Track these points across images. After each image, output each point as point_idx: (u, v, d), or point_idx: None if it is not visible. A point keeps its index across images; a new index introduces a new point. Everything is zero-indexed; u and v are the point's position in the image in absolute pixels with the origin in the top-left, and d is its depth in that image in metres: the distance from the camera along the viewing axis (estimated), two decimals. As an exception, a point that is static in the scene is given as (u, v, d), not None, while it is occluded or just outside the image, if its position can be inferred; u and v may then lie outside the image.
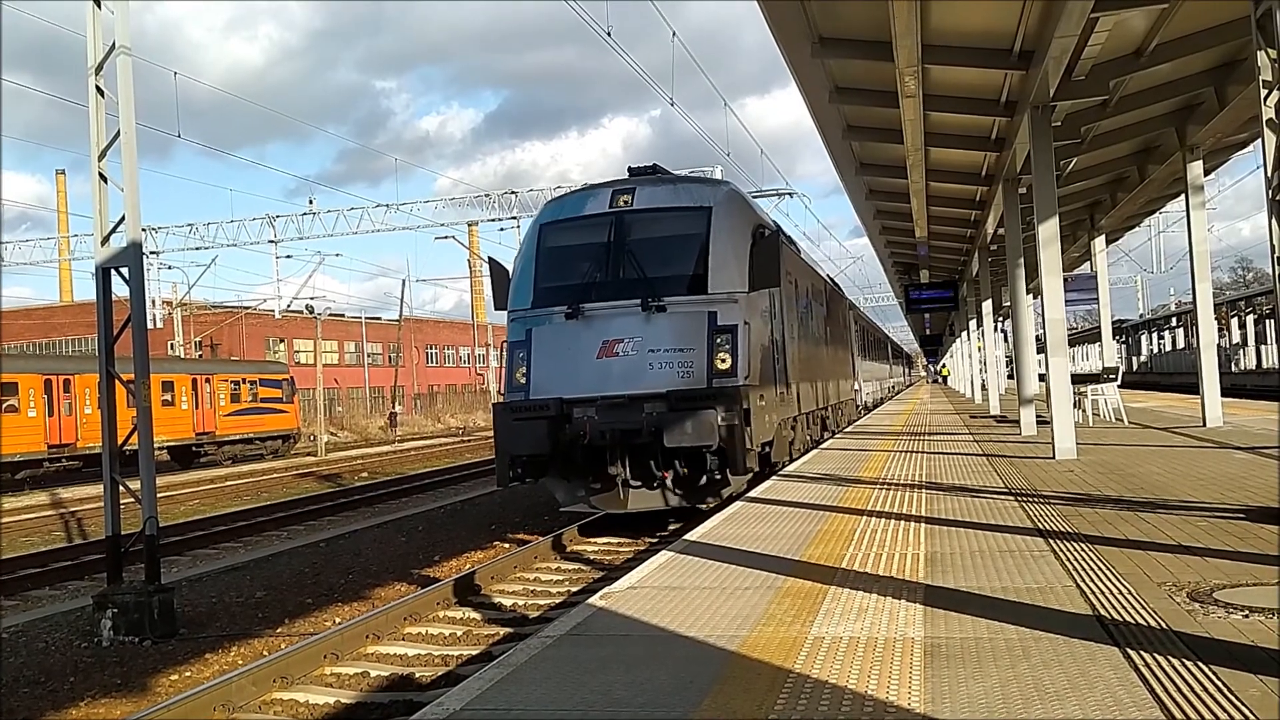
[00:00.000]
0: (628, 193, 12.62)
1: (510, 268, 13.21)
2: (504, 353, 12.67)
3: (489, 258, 13.71)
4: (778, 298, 13.81)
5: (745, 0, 13.79)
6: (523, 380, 12.00)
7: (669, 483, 11.55)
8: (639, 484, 11.74)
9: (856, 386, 30.20)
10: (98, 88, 9.67)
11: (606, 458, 11.46)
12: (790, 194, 29.08)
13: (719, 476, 11.30)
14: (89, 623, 9.24)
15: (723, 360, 11.42)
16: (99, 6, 9.61)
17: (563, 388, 11.66)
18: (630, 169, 13.66)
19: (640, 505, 11.90)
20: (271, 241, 45.81)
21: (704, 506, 11.99)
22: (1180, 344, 48.55)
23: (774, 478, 12.57)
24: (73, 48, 9.98)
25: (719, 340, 11.48)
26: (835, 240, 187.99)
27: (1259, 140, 7.33)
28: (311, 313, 47.57)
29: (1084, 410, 18.13)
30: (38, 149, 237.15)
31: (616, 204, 12.55)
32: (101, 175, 9.77)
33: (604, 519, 13.00)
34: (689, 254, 12.10)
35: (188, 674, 7.96)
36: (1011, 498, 9.03)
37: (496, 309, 12.99)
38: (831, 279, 26.81)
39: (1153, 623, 4.56)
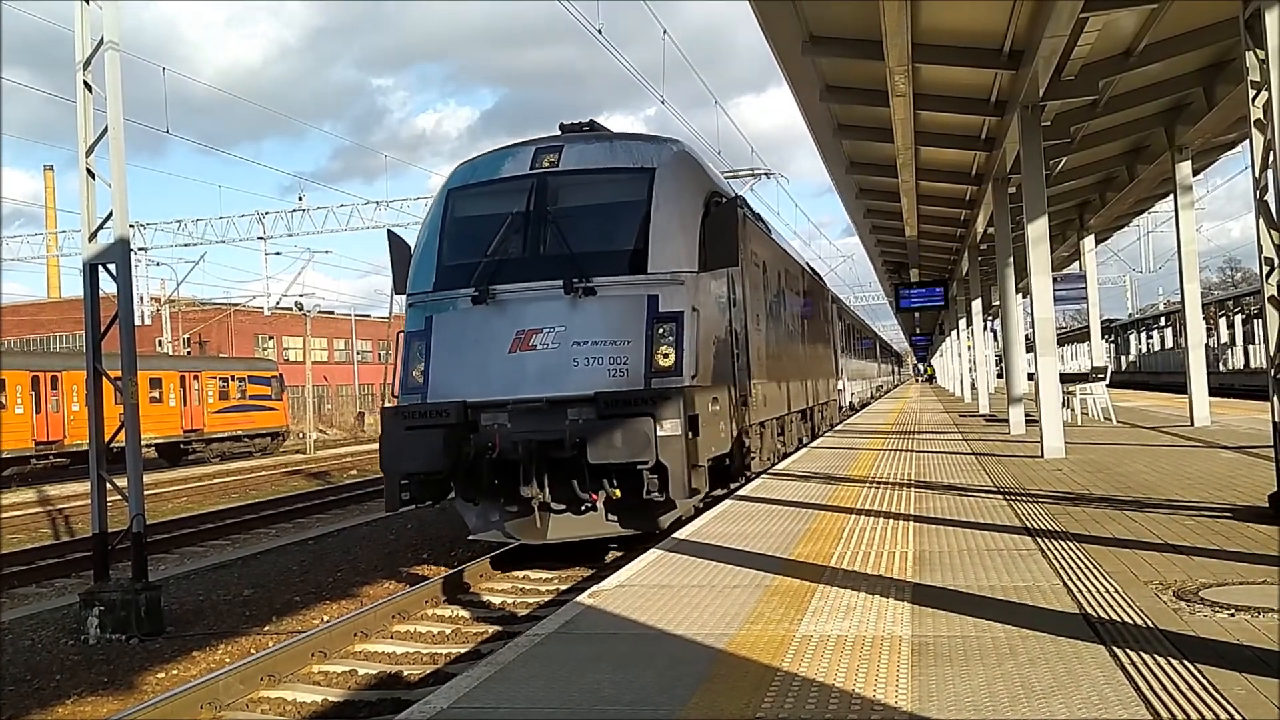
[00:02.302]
0: (553, 151, 10.51)
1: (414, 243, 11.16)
2: (398, 345, 10.49)
3: (388, 230, 11.66)
4: (738, 281, 11.81)
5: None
6: (420, 379, 10.01)
7: (600, 506, 9.57)
8: (563, 508, 9.66)
9: (840, 387, 28.04)
10: (86, 83, 9.62)
11: (520, 475, 9.32)
12: (766, 174, 26.26)
13: (661, 498, 9.19)
14: (75, 620, 9.19)
15: (665, 355, 9.43)
16: (87, 2, 9.56)
17: (467, 389, 9.64)
18: (562, 125, 11.44)
19: (563, 534, 9.85)
20: (260, 238, 45.65)
21: (660, 528, 9.85)
22: (1169, 344, 48.75)
23: (763, 476, 12.54)
24: (69, 44, 9.92)
25: (660, 331, 9.50)
26: (826, 239, 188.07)
27: (1247, 141, 7.36)
28: (301, 310, 47.41)
29: (1073, 409, 18.19)
30: (31, 145, 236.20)
31: (539, 165, 10.42)
32: (89, 171, 9.73)
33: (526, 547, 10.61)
34: (625, 225, 10.03)
35: (174, 672, 7.93)
36: (1000, 496, 9.05)
37: (397, 293, 10.97)
38: (811, 268, 24.25)
39: (1139, 621, 4.58)
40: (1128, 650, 4.13)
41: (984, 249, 24.63)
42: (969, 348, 33.07)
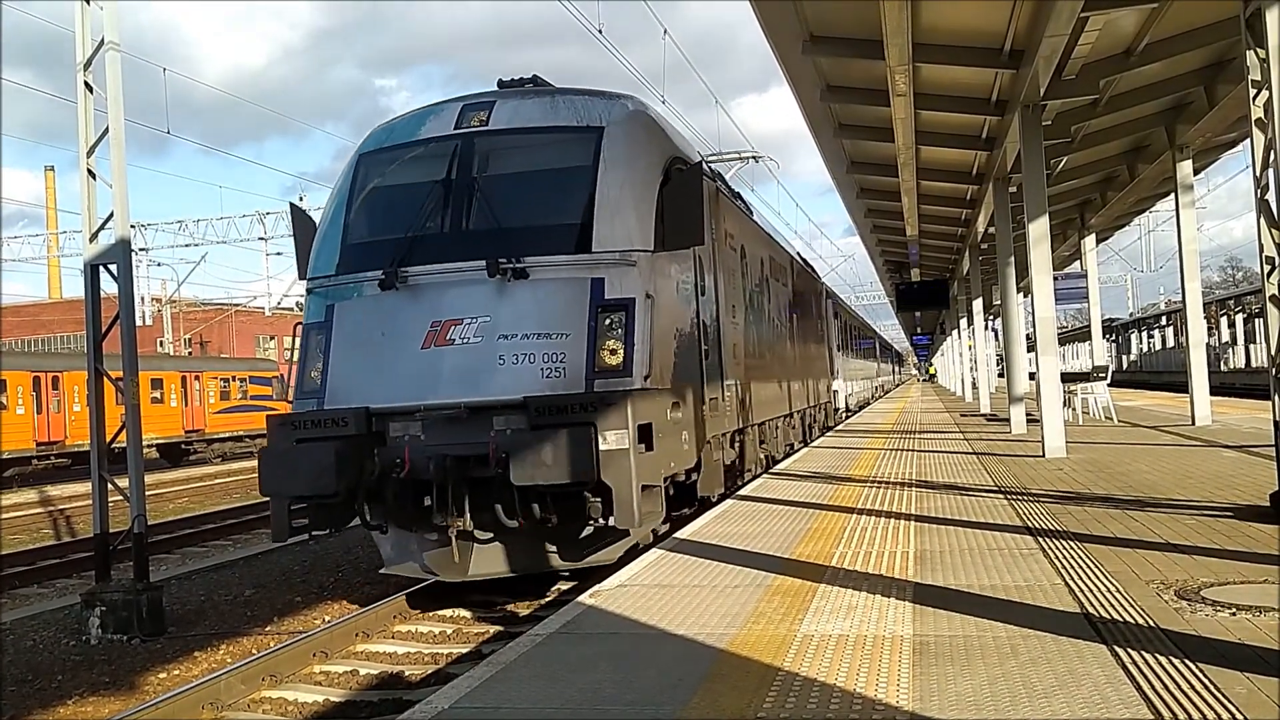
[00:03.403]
0: (482, 109, 8.94)
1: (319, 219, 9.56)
2: (295, 340, 8.95)
3: (290, 204, 10.19)
4: (708, 265, 10.22)
5: None
6: (317, 381, 8.44)
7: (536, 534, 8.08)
8: (489, 536, 8.20)
9: (835, 388, 26.38)
10: (87, 84, 9.63)
11: (434, 498, 7.78)
12: (755, 158, 24.31)
13: (608, 524, 7.72)
14: (77, 621, 9.20)
15: (611, 352, 7.90)
16: (88, 3, 9.57)
17: (373, 392, 8.08)
18: (500, 82, 9.75)
19: (488, 569, 8.33)
20: (262, 239, 45.70)
21: (610, 560, 8.34)
22: (1170, 343, 48.73)
23: (765, 475, 12.54)
24: (72, 45, 9.86)
25: (607, 322, 7.98)
26: (828, 239, 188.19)
27: (1248, 140, 7.36)
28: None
29: (1074, 409, 18.18)
30: (34, 146, 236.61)
31: (466, 124, 8.86)
32: (90, 172, 9.74)
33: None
34: (566, 195, 8.57)
35: (176, 672, 7.93)
36: (1001, 496, 9.05)
37: (300, 278, 9.29)
38: (802, 259, 22.30)
39: (1141, 621, 4.58)
40: (1129, 650, 4.13)
41: (985, 248, 24.63)
42: (970, 347, 33.07)
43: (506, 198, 8.59)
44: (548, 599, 9.07)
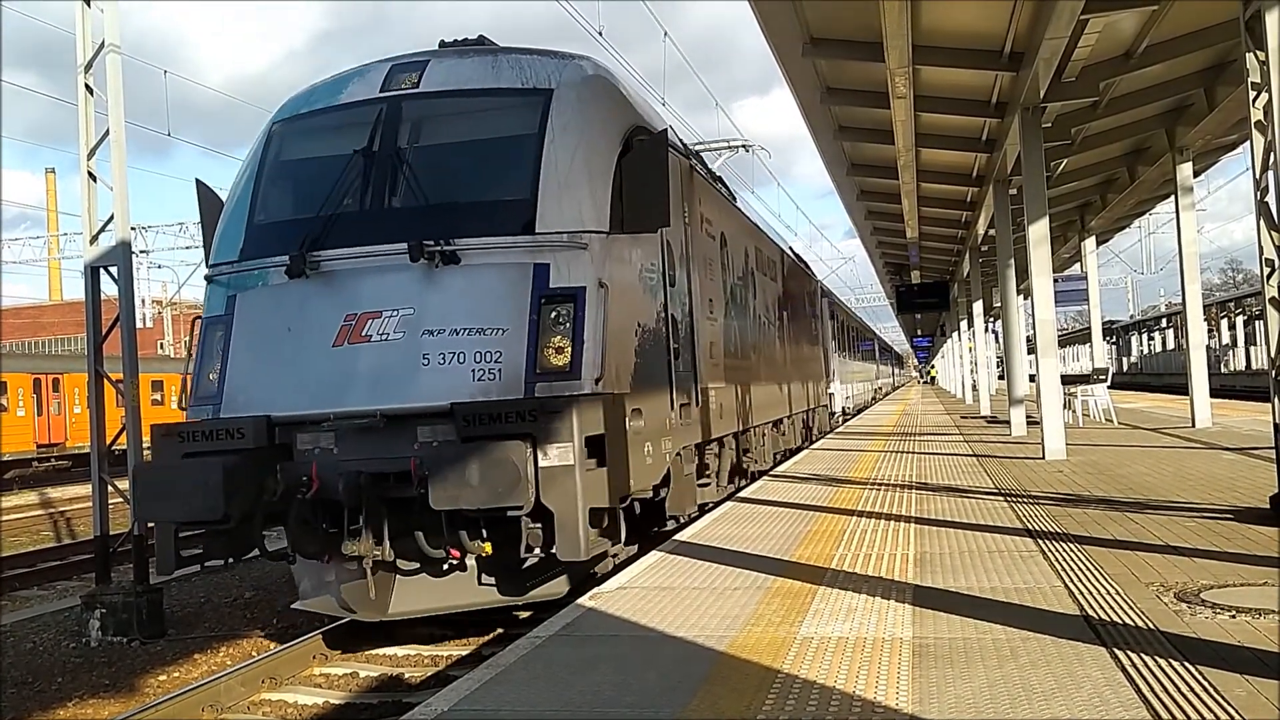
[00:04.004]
0: (414, 69, 7.86)
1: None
2: (193, 336, 7.89)
3: (196, 180, 8.59)
4: (679, 253, 9.09)
5: (739, 0, 11.65)
6: (214, 384, 7.34)
7: (471, 564, 7.20)
8: (414, 567, 7.19)
9: (831, 391, 24.83)
10: (87, 86, 9.65)
11: (347, 523, 6.73)
12: (745, 147, 23.17)
13: (544, 555, 6.76)
14: (77, 623, 9.20)
15: (557, 350, 6.83)
16: (88, 4, 9.58)
17: (276, 398, 7.01)
18: (442, 42, 8.52)
19: (411, 607, 7.36)
20: (262, 240, 45.55)
21: (561, 593, 7.40)
22: (1170, 345, 48.73)
23: (764, 479, 12.53)
24: (73, 48, 9.81)
25: (552, 315, 6.90)
26: (828, 241, 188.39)
27: (1248, 142, 7.37)
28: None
29: (1074, 411, 18.18)
30: (36, 148, 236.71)
31: (394, 86, 7.78)
32: (91, 174, 9.75)
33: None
34: (507, 167, 7.47)
35: (176, 674, 7.93)
36: (1001, 498, 9.04)
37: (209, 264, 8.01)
38: (795, 253, 20.57)
39: (1140, 623, 4.58)
40: (1129, 652, 4.13)
41: (985, 250, 24.64)
42: (970, 349, 33.08)
43: (437, 171, 7.50)
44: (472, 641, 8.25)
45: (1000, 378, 33.97)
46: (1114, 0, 9.81)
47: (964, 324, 32.27)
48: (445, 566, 7.17)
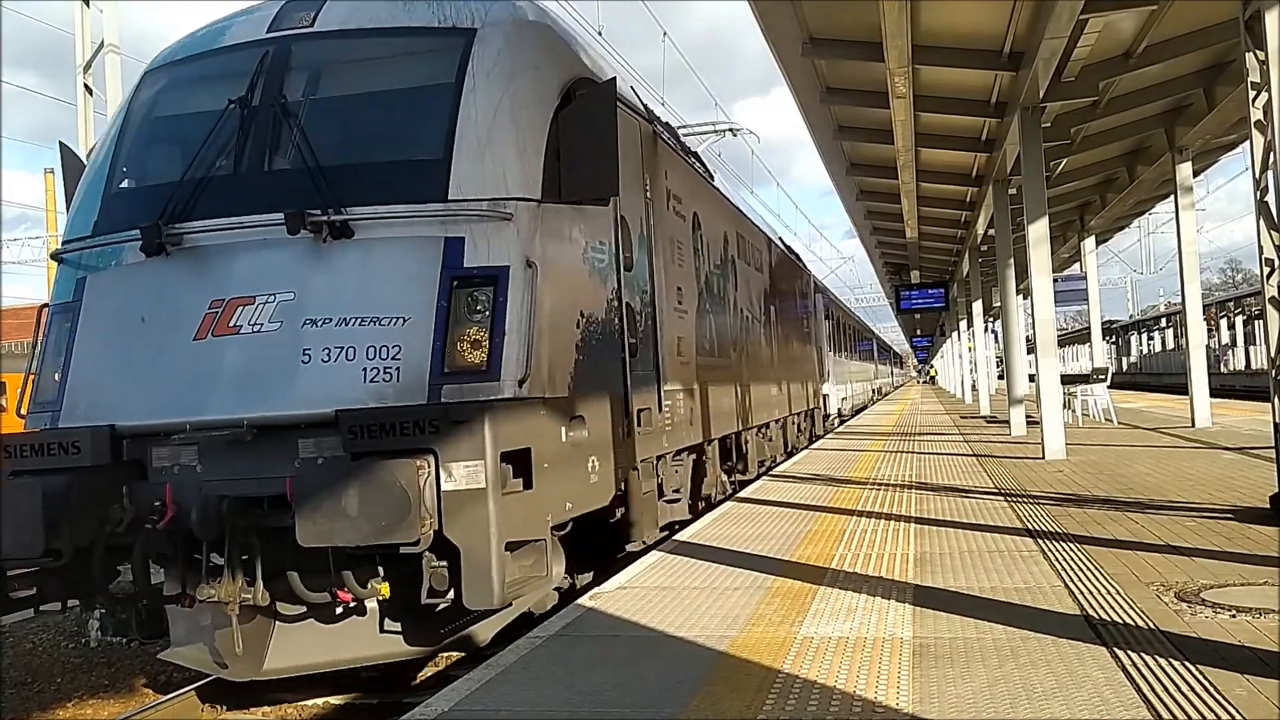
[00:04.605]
0: (309, 6, 6.53)
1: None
2: (39, 327, 6.44)
3: (59, 143, 7.30)
4: (636, 230, 7.78)
5: (740, 0, 11.32)
6: (55, 386, 6.14)
7: (371, 605, 5.91)
8: (299, 612, 5.90)
9: (826, 392, 23.42)
10: (86, 86, 9.65)
11: (205, 558, 5.50)
12: (732, 130, 21.85)
13: (449, 602, 5.48)
14: (77, 623, 9.19)
15: (472, 344, 5.60)
16: (88, 5, 9.59)
17: (125, 404, 5.75)
18: None
19: (291, 662, 6.00)
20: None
21: (481, 641, 6.41)
22: (1169, 345, 48.75)
23: (763, 479, 12.53)
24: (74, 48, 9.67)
25: (467, 300, 5.69)
26: (828, 241, 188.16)
27: (1248, 142, 7.37)
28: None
29: (1073, 411, 18.18)
30: (39, 149, 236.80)
31: (285, 25, 6.48)
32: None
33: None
34: (415, 121, 6.27)
35: (176, 675, 7.92)
36: (1001, 498, 9.04)
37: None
38: (785, 245, 19.05)
39: (1140, 623, 4.58)
40: (1129, 652, 4.13)
41: (984, 250, 24.65)
42: (970, 349, 33.09)
43: (330, 126, 6.21)
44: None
45: (1000, 377, 33.99)
46: (1113, 0, 9.82)
47: (963, 324, 32.29)
48: (339, 610, 5.88)
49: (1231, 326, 42.69)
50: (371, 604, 5.87)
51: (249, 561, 5.44)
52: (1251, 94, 7.18)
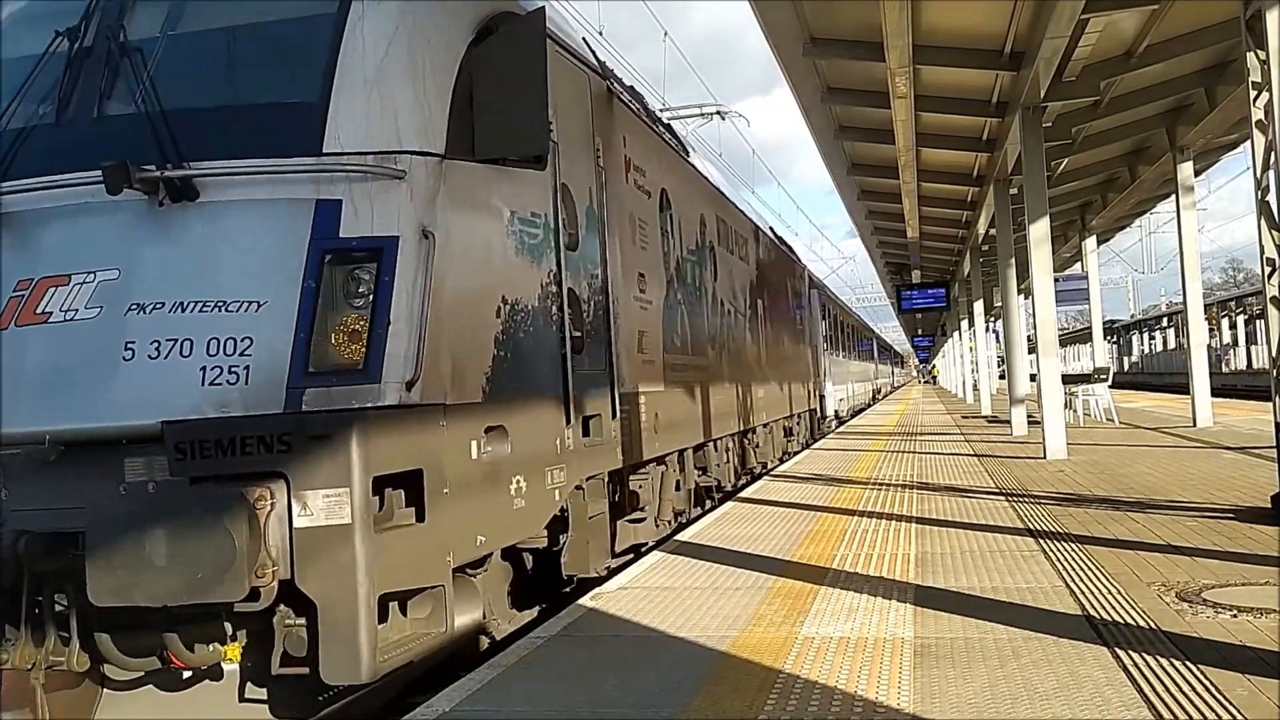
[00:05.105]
0: None
1: None
2: None
3: None
4: (583, 200, 6.63)
5: (741, 0, 11.18)
6: None
7: (230, 668, 4.79)
8: (135, 676, 4.78)
9: (822, 392, 22.48)
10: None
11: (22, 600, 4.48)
12: (719, 113, 20.84)
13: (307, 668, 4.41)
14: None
15: (348, 335, 4.54)
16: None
17: None
18: None
19: None
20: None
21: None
22: (1171, 344, 48.74)
23: (765, 479, 12.53)
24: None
25: (342, 280, 4.62)
26: (829, 241, 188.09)
27: (1249, 141, 7.37)
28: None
29: (1075, 410, 18.18)
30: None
31: None
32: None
33: None
34: (285, 57, 5.21)
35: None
36: (1002, 498, 9.04)
37: None
38: (777, 235, 17.97)
39: (1142, 623, 4.58)
40: (1130, 652, 4.13)
41: (985, 250, 24.65)
42: (971, 349, 33.09)
43: (178, 64, 5.09)
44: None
45: (1001, 377, 33.99)
46: (1114, 0, 9.83)
47: (965, 323, 32.28)
48: (187, 675, 4.81)
49: (1233, 326, 42.68)
50: (231, 665, 4.74)
51: (62, 615, 4.43)
52: (1252, 93, 7.18)
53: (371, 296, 4.56)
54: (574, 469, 6.16)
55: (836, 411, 25.69)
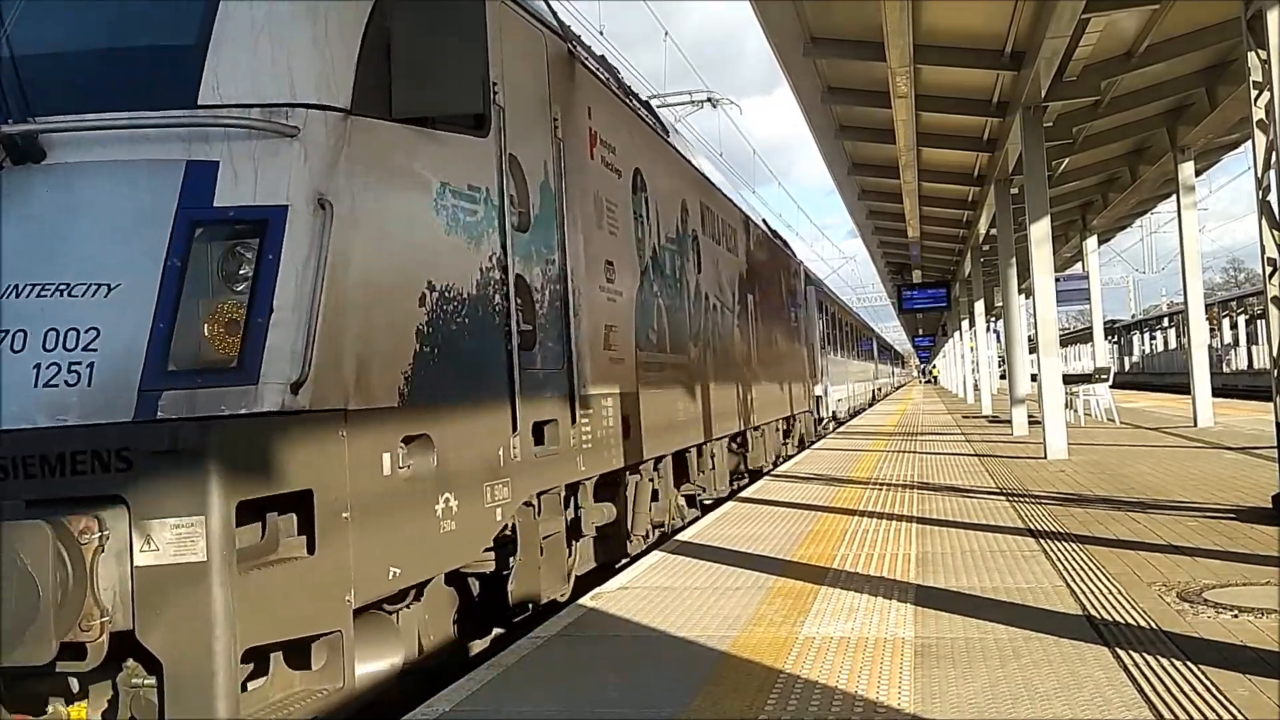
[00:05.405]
0: None
1: None
2: None
3: None
4: (537, 176, 5.82)
5: (741, 0, 11.12)
6: None
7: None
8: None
9: (819, 393, 21.72)
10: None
11: None
12: (710, 100, 19.88)
13: None
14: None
15: (224, 325, 3.79)
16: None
17: None
18: None
19: None
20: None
21: None
22: (1172, 344, 48.73)
23: (765, 478, 12.52)
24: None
25: (221, 257, 3.88)
26: (829, 241, 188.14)
27: (1249, 141, 7.37)
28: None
29: (1076, 410, 18.18)
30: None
31: None
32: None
33: None
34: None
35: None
36: (1003, 498, 9.04)
37: None
38: (770, 228, 17.26)
39: (1142, 623, 4.57)
40: (1131, 652, 4.13)
41: (986, 250, 24.66)
42: (972, 349, 33.08)
43: (29, 5, 4.34)
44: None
45: (1002, 377, 33.97)
46: (1115, 0, 9.82)
47: (965, 323, 32.28)
48: None
49: (1234, 326, 42.68)
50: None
51: None
52: (1253, 93, 7.18)
53: (252, 279, 3.83)
54: (523, 483, 5.39)
55: (834, 413, 25.16)
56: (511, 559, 5.56)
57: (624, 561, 7.44)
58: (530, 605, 5.80)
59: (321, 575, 3.82)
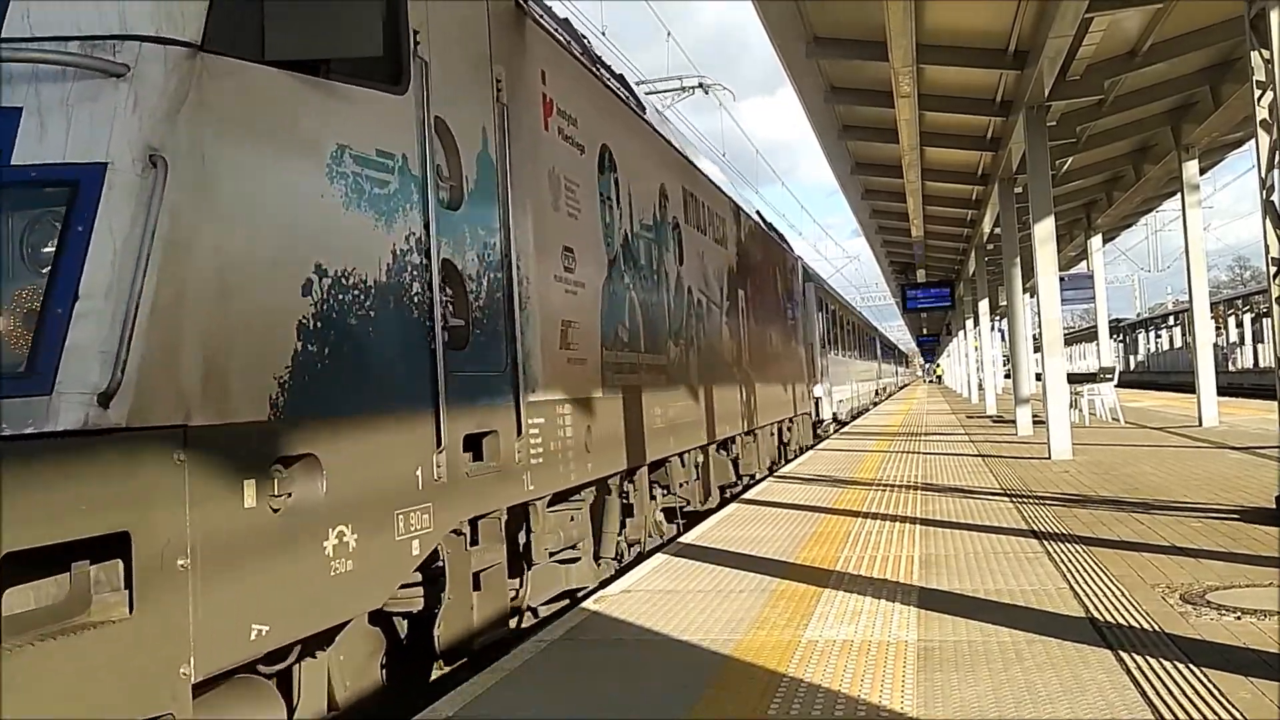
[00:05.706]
0: None
1: None
2: None
3: None
4: (474, 147, 5.07)
5: (745, 0, 11.02)
6: None
7: None
8: None
9: (818, 394, 21.03)
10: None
11: None
12: (702, 87, 19.15)
13: None
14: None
15: (21, 316, 2.96)
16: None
17: None
18: None
19: None
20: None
21: None
22: (1177, 343, 48.65)
23: (769, 479, 12.51)
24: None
25: (21, 228, 3.05)
26: (833, 240, 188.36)
27: (1253, 140, 7.36)
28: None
29: (1080, 410, 18.15)
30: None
31: None
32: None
33: None
34: None
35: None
36: (1006, 499, 9.03)
37: None
38: (765, 221, 16.72)
39: (1146, 625, 4.57)
40: (1134, 654, 4.12)
41: (990, 249, 24.64)
42: (976, 348, 33.04)
43: None
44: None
45: (1006, 376, 33.92)
46: (1118, -1, 9.83)
47: (970, 323, 32.24)
48: None
49: (1239, 325, 42.59)
50: None
51: None
52: (1257, 92, 7.16)
53: (56, 256, 3.04)
54: (450, 508, 4.58)
55: (835, 414, 24.10)
56: (444, 594, 4.79)
57: (587, 589, 6.70)
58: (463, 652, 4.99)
59: (144, 641, 2.93)
